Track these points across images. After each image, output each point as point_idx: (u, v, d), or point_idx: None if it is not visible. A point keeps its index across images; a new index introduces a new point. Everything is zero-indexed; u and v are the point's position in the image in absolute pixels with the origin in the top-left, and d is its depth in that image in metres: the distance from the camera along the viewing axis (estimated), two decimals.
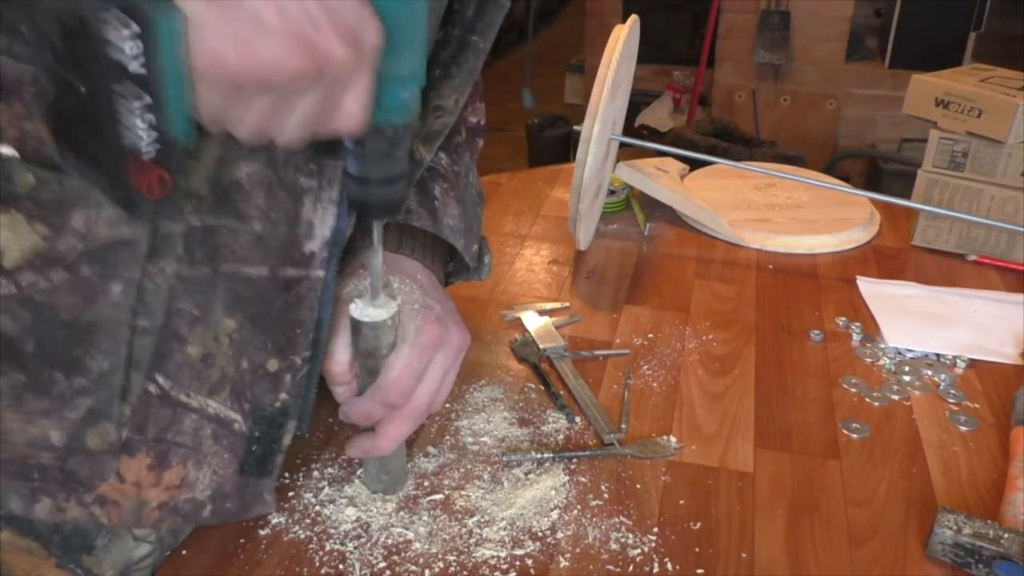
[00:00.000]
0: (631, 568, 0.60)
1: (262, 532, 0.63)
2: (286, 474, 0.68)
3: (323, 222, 0.57)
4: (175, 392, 0.55)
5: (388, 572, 0.59)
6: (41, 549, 0.58)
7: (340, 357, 0.61)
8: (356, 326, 0.59)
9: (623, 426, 0.74)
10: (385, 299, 0.59)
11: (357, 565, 0.60)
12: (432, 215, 0.69)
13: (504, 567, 0.60)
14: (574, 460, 0.70)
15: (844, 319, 0.92)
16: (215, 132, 0.44)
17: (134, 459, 0.55)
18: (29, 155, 0.48)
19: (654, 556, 0.61)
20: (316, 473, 0.68)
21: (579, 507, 0.65)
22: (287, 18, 0.40)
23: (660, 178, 1.14)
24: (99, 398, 0.53)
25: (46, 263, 0.50)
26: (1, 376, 0.52)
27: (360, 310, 0.58)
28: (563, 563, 0.60)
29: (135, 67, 0.38)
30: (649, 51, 3.18)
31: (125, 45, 0.37)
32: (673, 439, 0.73)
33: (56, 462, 0.54)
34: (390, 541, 0.62)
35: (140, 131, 0.39)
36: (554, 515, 0.64)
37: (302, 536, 0.62)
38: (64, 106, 0.40)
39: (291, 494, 0.66)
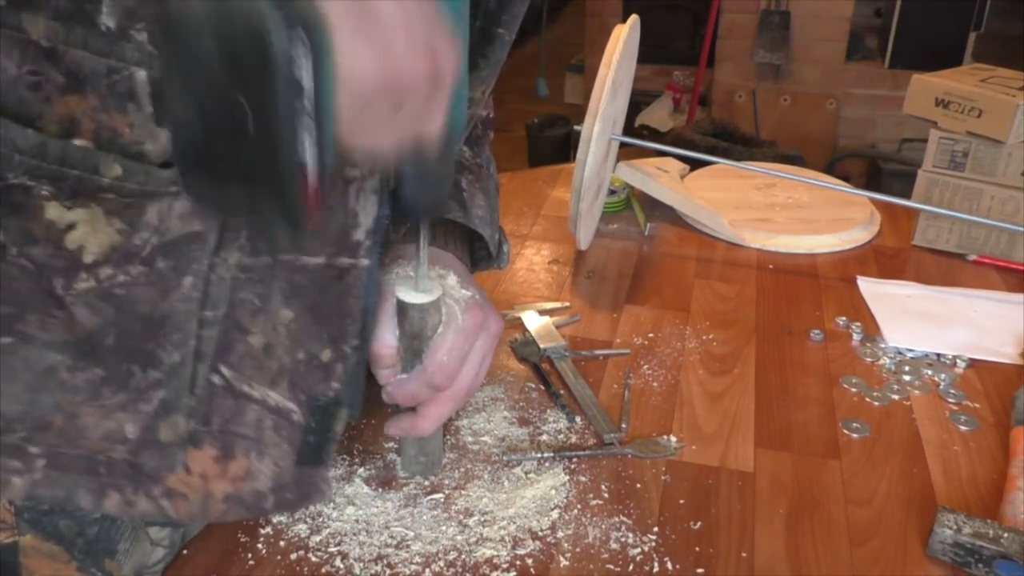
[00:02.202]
0: (631, 567, 0.60)
1: (263, 531, 0.63)
2: None
3: (366, 211, 0.58)
4: (238, 383, 0.55)
5: (388, 571, 0.59)
6: (63, 553, 0.58)
7: (388, 340, 0.61)
8: (403, 308, 0.60)
9: (623, 426, 0.74)
10: (430, 283, 0.60)
11: (357, 565, 0.60)
12: (463, 207, 0.70)
13: (504, 566, 0.60)
14: (574, 460, 0.70)
15: (844, 319, 0.92)
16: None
17: (200, 451, 0.55)
18: (104, 145, 0.49)
19: (654, 555, 0.61)
20: None
21: (579, 506, 0.65)
22: (413, 25, 0.41)
23: (660, 178, 1.14)
24: (171, 390, 0.53)
25: (123, 257, 0.50)
26: (80, 372, 0.52)
27: (407, 293, 0.60)
28: (563, 562, 0.60)
29: (308, 83, 0.38)
30: (649, 51, 3.18)
31: (302, 62, 0.38)
32: (673, 438, 0.73)
33: (127, 455, 0.54)
34: (390, 540, 0.62)
35: (309, 149, 0.40)
36: (554, 514, 0.64)
37: (303, 535, 0.62)
38: (219, 124, 0.40)
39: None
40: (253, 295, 0.54)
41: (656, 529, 0.63)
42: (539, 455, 0.70)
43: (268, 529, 0.63)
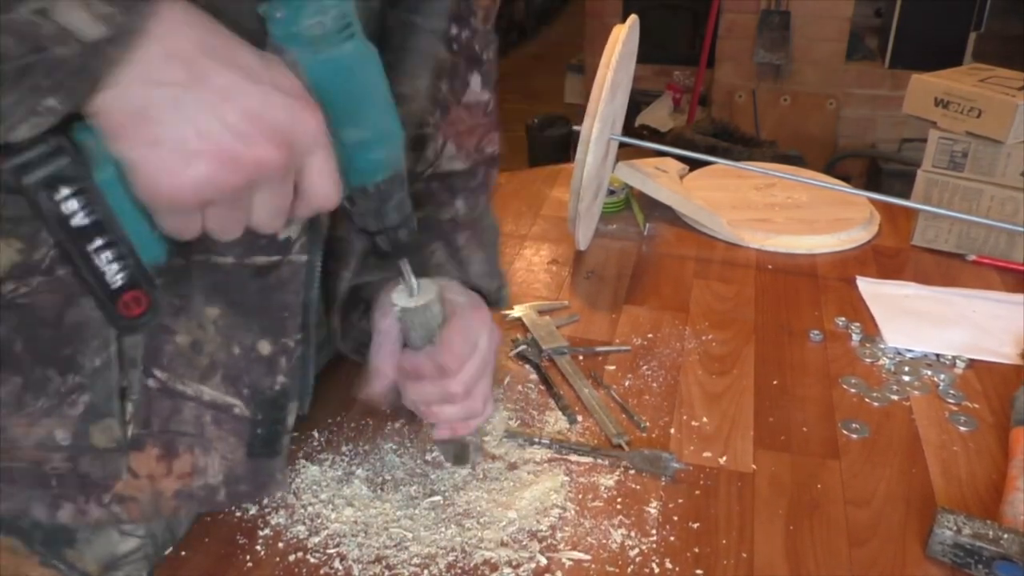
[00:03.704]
0: (631, 568, 0.60)
1: (261, 532, 0.63)
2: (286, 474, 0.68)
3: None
4: (172, 382, 0.57)
5: (387, 572, 0.59)
6: (23, 547, 0.59)
7: (386, 369, 0.61)
8: (406, 315, 0.59)
9: (645, 424, 0.74)
10: (424, 285, 0.60)
11: (356, 566, 0.60)
12: (460, 266, 0.70)
13: (504, 567, 0.60)
14: (574, 461, 0.70)
15: (844, 319, 0.92)
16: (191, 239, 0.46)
17: (143, 453, 0.57)
18: None
19: (653, 556, 0.61)
20: (316, 474, 0.68)
21: (579, 507, 0.65)
22: (208, 140, 0.41)
23: (660, 178, 1.14)
24: (96, 394, 0.55)
25: (24, 272, 0.52)
26: (4, 386, 0.54)
27: (405, 301, 0.59)
28: (563, 563, 0.60)
29: (78, 220, 0.42)
30: (649, 51, 3.17)
31: (64, 204, 0.42)
32: (674, 457, 0.70)
33: (68, 463, 0.56)
34: (389, 541, 0.62)
35: (104, 268, 0.44)
36: (554, 515, 0.64)
37: (301, 536, 0.62)
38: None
39: (290, 495, 0.66)
40: (173, 296, 0.56)
41: (655, 530, 0.63)
42: (542, 442, 0.70)
43: (267, 531, 0.63)
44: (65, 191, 0.41)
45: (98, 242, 0.43)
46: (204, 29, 0.42)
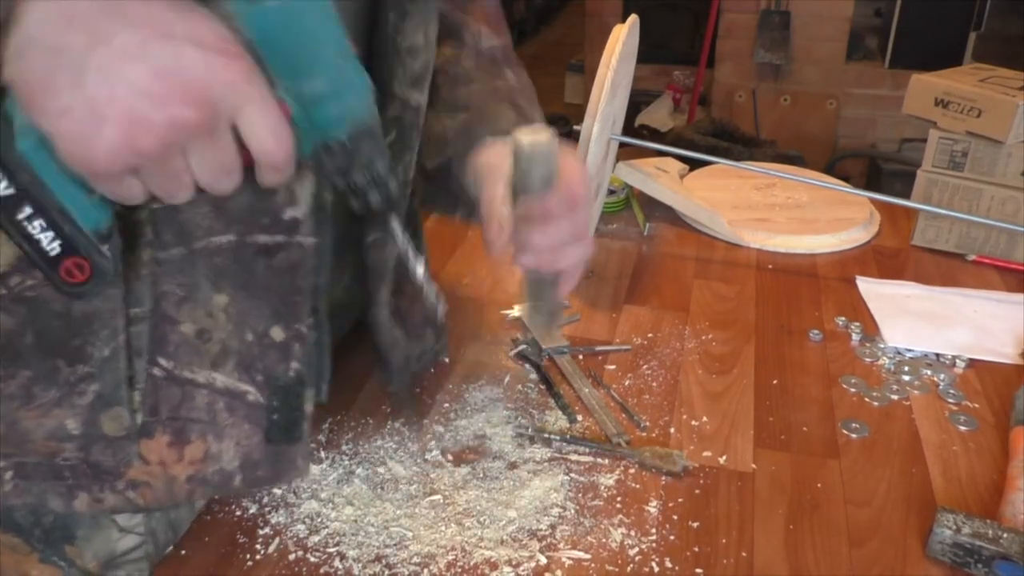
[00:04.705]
0: (630, 567, 0.60)
1: (261, 531, 0.63)
2: None
3: (303, 188, 0.58)
4: (179, 371, 0.57)
5: (387, 572, 0.59)
6: (23, 545, 0.59)
7: (500, 195, 0.62)
8: (534, 151, 0.58)
9: (645, 424, 0.74)
10: (531, 128, 0.59)
11: (356, 565, 0.60)
12: (528, 123, 0.70)
13: (504, 567, 0.60)
14: (574, 461, 0.70)
15: (844, 319, 0.92)
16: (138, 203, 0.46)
17: (153, 440, 0.57)
18: None
19: (653, 555, 0.61)
20: (316, 473, 0.68)
21: (578, 507, 0.65)
22: (116, 104, 0.40)
23: (660, 178, 1.14)
24: (105, 383, 0.55)
25: (29, 265, 0.52)
26: (10, 379, 0.54)
27: (530, 137, 0.58)
28: (563, 562, 0.60)
29: (1, 190, 0.43)
30: (649, 51, 3.17)
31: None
32: (683, 455, 0.70)
33: (80, 453, 0.56)
34: (389, 540, 0.62)
35: (37, 235, 0.45)
36: (554, 514, 0.64)
37: (301, 535, 0.62)
38: None
39: (291, 494, 0.66)
40: (175, 285, 0.56)
41: (655, 529, 0.63)
42: (548, 436, 0.70)
43: (267, 529, 0.63)
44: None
45: (27, 211, 0.44)
46: None
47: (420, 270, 0.59)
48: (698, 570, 0.60)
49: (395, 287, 0.71)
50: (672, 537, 0.63)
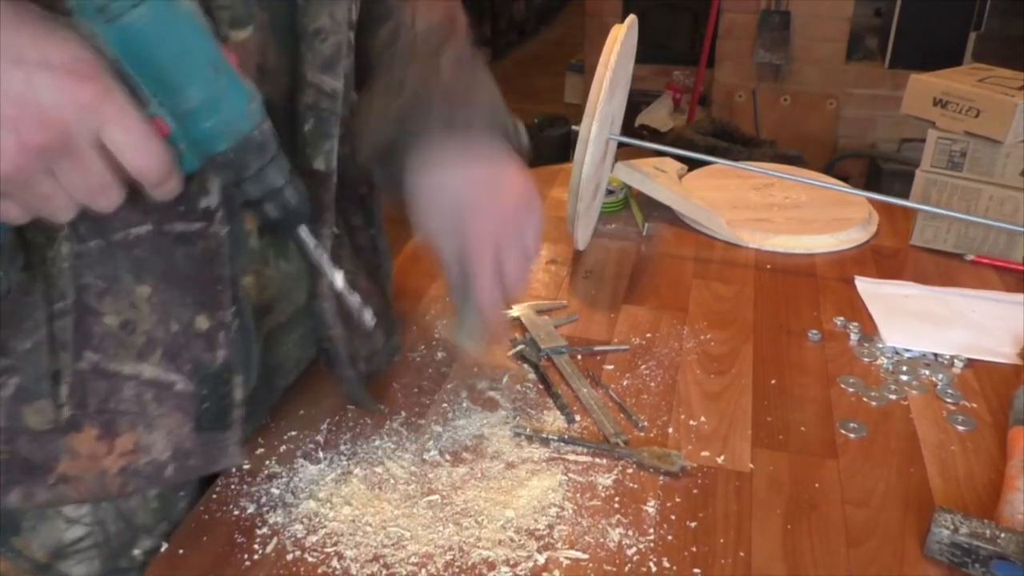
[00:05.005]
0: (628, 567, 0.60)
1: (259, 531, 0.63)
2: (284, 473, 0.68)
3: (212, 179, 0.58)
4: (104, 363, 0.58)
5: (384, 572, 0.59)
6: None
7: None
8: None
9: (643, 424, 0.74)
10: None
11: (354, 565, 0.60)
12: (466, 107, 0.70)
13: (501, 566, 0.60)
14: (572, 460, 0.70)
15: (842, 319, 0.92)
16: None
17: (82, 433, 0.58)
18: None
19: (651, 555, 0.61)
20: (314, 473, 0.68)
21: (576, 506, 0.65)
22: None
23: (658, 178, 1.14)
24: (27, 376, 0.56)
25: None
26: None
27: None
28: (560, 562, 0.60)
29: None
30: (649, 51, 3.18)
31: None
32: (681, 455, 0.70)
33: (6, 445, 0.57)
34: (387, 540, 0.62)
35: None
36: (552, 514, 0.64)
37: (299, 535, 0.62)
38: None
39: (289, 493, 0.66)
40: (96, 277, 0.56)
41: (653, 529, 0.63)
42: (547, 437, 0.70)
43: (264, 529, 0.63)
44: None
45: None
46: None
47: (338, 280, 0.59)
48: (696, 570, 0.60)
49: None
50: (670, 537, 0.63)
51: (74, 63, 0.43)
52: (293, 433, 0.73)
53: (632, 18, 1.00)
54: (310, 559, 0.60)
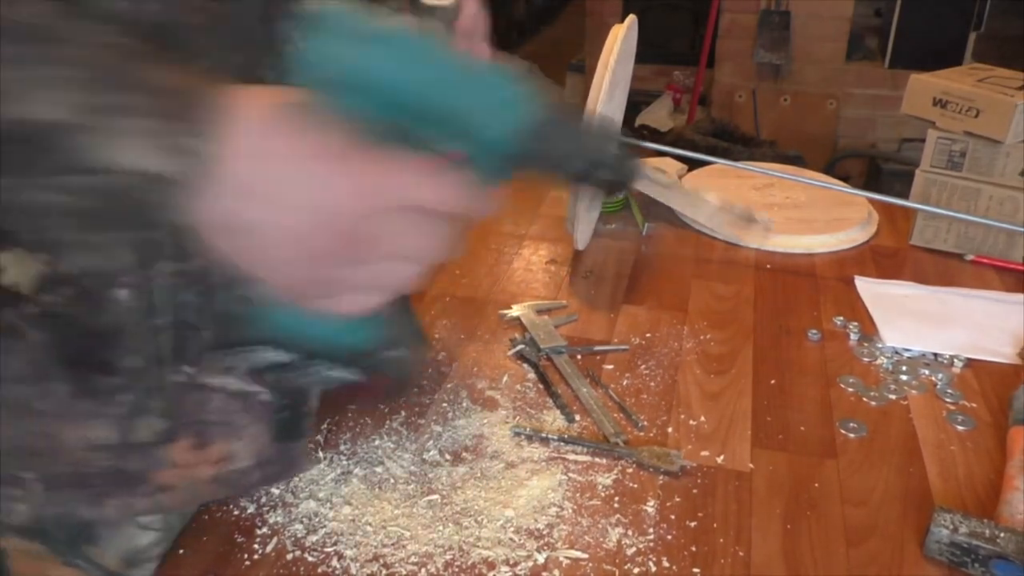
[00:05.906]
0: (628, 567, 0.60)
1: (259, 531, 0.63)
2: None
3: None
4: (198, 376, 0.59)
5: (384, 571, 0.59)
6: (47, 552, 0.60)
7: None
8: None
9: (643, 423, 0.74)
10: None
11: (353, 565, 0.60)
12: None
13: (501, 566, 0.60)
14: (572, 460, 0.70)
15: (842, 319, 0.92)
16: None
17: (176, 444, 0.59)
18: None
19: (651, 555, 0.61)
20: (314, 473, 0.68)
21: (576, 506, 0.65)
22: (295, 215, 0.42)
23: (660, 183, 1.14)
24: (138, 393, 0.57)
25: (54, 284, 0.54)
26: (49, 396, 0.56)
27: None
28: (560, 561, 0.60)
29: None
30: (649, 51, 3.18)
31: None
32: (681, 455, 0.71)
33: (113, 461, 0.58)
34: (387, 540, 0.62)
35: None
36: (551, 514, 0.64)
37: (299, 535, 0.62)
38: None
39: (288, 493, 0.66)
40: (193, 295, 0.57)
41: (652, 528, 0.63)
42: (546, 436, 0.70)
43: (265, 529, 0.63)
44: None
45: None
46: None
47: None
48: (695, 569, 0.60)
49: None
50: (669, 537, 0.63)
51: (333, 156, 0.41)
52: None
53: (632, 18, 1.00)
54: (310, 559, 0.60)
